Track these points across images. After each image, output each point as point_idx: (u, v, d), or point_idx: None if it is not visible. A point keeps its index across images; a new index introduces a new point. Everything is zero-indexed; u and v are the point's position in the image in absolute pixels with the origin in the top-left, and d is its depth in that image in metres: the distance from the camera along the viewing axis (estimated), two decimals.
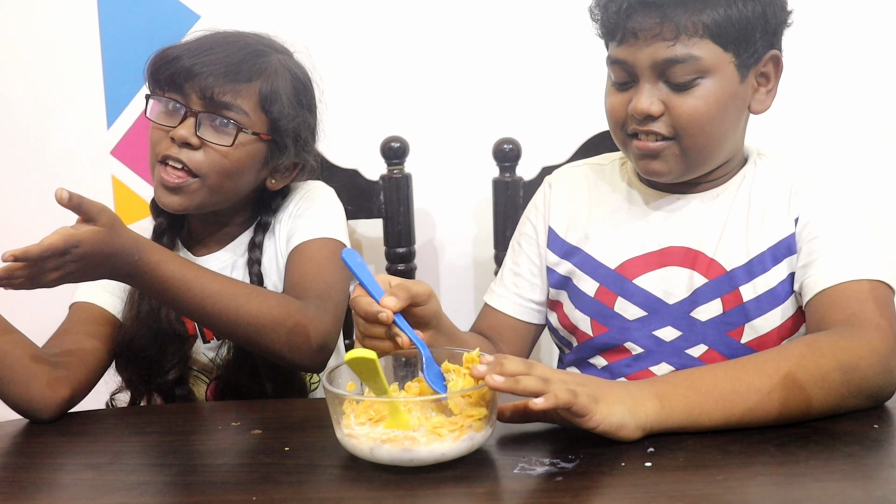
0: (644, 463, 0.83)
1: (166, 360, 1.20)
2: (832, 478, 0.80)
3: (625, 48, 1.08)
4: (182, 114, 1.15)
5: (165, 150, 1.15)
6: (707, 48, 1.06)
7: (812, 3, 1.52)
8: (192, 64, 1.14)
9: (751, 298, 1.12)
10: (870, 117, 1.66)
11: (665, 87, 1.08)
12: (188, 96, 1.15)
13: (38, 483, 0.89)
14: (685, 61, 1.06)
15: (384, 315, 0.92)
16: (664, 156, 1.11)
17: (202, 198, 1.18)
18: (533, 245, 1.27)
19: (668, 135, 1.09)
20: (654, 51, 1.06)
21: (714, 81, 1.07)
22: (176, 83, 1.15)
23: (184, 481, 0.87)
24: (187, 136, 1.14)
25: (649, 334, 1.16)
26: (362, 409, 0.87)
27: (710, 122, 1.08)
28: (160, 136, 1.16)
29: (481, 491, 0.81)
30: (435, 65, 1.71)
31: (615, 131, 1.15)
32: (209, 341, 1.24)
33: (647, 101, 1.07)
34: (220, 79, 1.14)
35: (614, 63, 1.11)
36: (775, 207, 1.14)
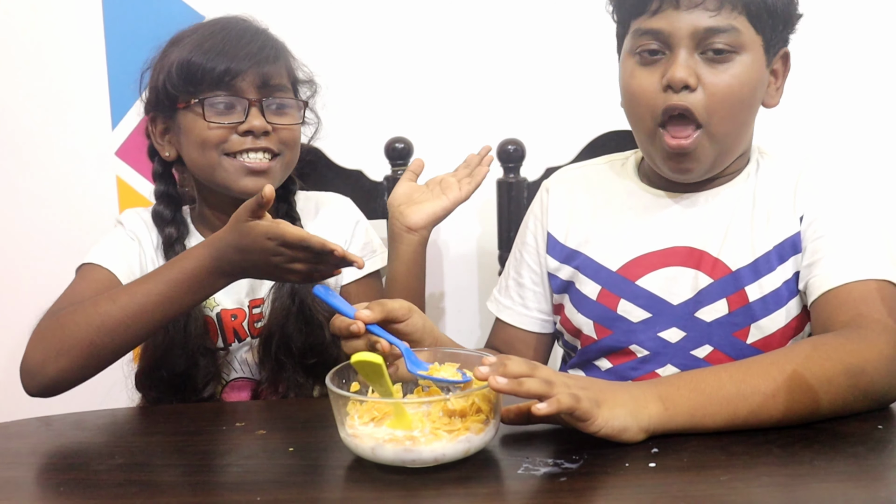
0: (648, 463, 0.83)
1: (199, 377, 1.20)
2: (836, 479, 0.80)
3: (661, 17, 1.06)
4: (244, 107, 1.17)
5: (241, 144, 1.18)
6: (744, 24, 1.06)
7: (817, 2, 1.51)
8: (239, 59, 1.16)
9: (757, 298, 1.11)
10: (873, 116, 1.65)
11: (700, 59, 1.06)
12: (241, 89, 1.17)
13: (41, 482, 0.89)
14: (727, 31, 1.05)
15: (355, 327, 0.94)
16: (697, 152, 1.09)
17: (281, 175, 1.23)
18: (533, 253, 1.27)
19: (700, 117, 1.06)
20: (696, 18, 1.05)
21: (747, 60, 1.07)
22: (225, 81, 1.16)
23: (188, 481, 0.87)
24: (264, 125, 1.18)
25: (654, 336, 1.15)
26: (366, 410, 0.88)
27: (740, 103, 1.08)
28: (222, 133, 1.17)
29: (485, 491, 0.81)
30: (439, 66, 1.71)
31: (642, 117, 1.11)
32: (230, 344, 1.25)
33: (685, 70, 1.05)
34: (269, 65, 1.19)
35: (645, 34, 1.08)
36: (780, 205, 1.13)
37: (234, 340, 1.25)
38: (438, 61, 1.71)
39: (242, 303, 1.26)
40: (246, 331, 1.25)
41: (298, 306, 1.23)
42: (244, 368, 1.26)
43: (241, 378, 1.26)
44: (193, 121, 1.18)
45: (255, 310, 1.25)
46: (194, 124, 1.18)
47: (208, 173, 1.20)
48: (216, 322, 1.24)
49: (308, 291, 1.22)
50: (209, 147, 1.18)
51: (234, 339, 1.25)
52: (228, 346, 1.25)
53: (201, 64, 1.16)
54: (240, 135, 1.17)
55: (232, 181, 1.19)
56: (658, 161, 1.13)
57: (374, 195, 1.55)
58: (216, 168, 1.19)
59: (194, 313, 1.20)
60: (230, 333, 1.24)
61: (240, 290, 1.25)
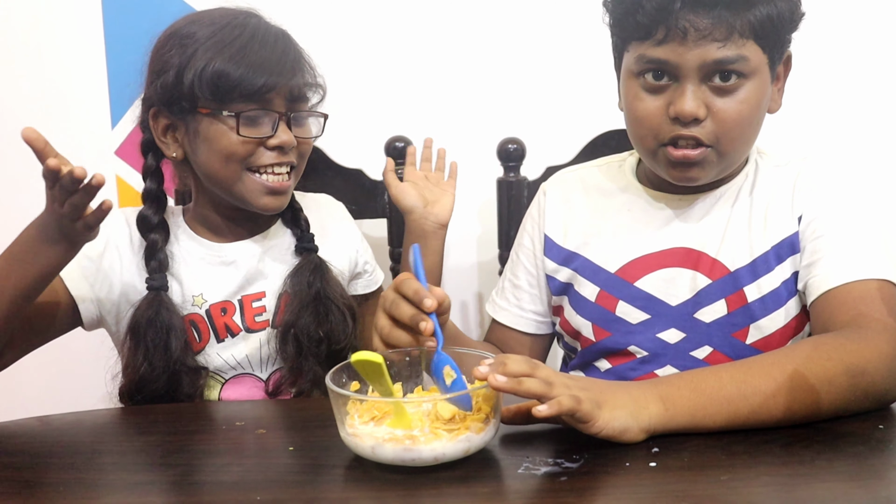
0: (649, 463, 0.83)
1: (183, 395, 1.19)
2: (837, 478, 0.80)
3: (668, 48, 1.03)
4: (272, 121, 1.15)
5: (268, 159, 1.16)
6: (752, 49, 1.03)
7: (816, 3, 1.51)
8: (276, 73, 1.14)
9: (755, 299, 1.11)
10: (871, 116, 1.66)
11: (708, 88, 1.04)
12: (272, 103, 1.15)
13: (41, 482, 0.89)
14: (736, 62, 1.02)
15: (430, 302, 0.91)
16: (703, 163, 1.07)
17: (292, 188, 1.22)
18: (530, 256, 1.27)
19: (708, 142, 1.05)
20: (705, 51, 1.02)
21: (755, 84, 1.05)
22: (260, 93, 1.14)
23: (188, 481, 0.87)
24: (293, 141, 1.17)
25: (653, 337, 1.15)
26: (366, 409, 0.88)
27: (749, 124, 1.07)
28: (250, 148, 1.15)
29: (485, 491, 0.81)
30: (439, 64, 1.71)
31: (644, 139, 1.10)
32: (223, 340, 1.23)
33: (694, 104, 1.03)
34: (296, 78, 1.17)
35: (649, 63, 1.05)
36: (778, 206, 1.13)
37: (227, 335, 1.23)
38: (439, 60, 1.71)
39: (232, 297, 1.24)
40: (239, 325, 1.23)
41: (314, 295, 1.23)
42: (244, 364, 1.24)
43: (240, 374, 1.24)
44: (220, 131, 1.15)
45: (256, 303, 1.24)
46: (221, 135, 1.15)
47: (226, 185, 1.18)
48: (206, 319, 1.22)
49: (324, 279, 1.23)
50: (234, 160, 1.16)
51: (227, 334, 1.23)
52: (221, 340, 1.23)
53: (239, 77, 1.12)
54: (268, 149, 1.16)
55: (251, 198, 1.18)
56: (662, 170, 1.12)
57: (374, 194, 1.55)
58: (236, 182, 1.17)
59: (174, 329, 1.18)
60: (221, 329, 1.23)
61: (228, 285, 1.23)
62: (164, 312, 1.18)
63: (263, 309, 1.24)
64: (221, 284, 1.23)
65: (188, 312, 1.22)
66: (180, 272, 1.23)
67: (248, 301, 1.24)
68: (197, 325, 1.22)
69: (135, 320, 1.19)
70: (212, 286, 1.23)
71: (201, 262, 1.24)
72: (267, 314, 1.24)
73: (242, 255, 1.25)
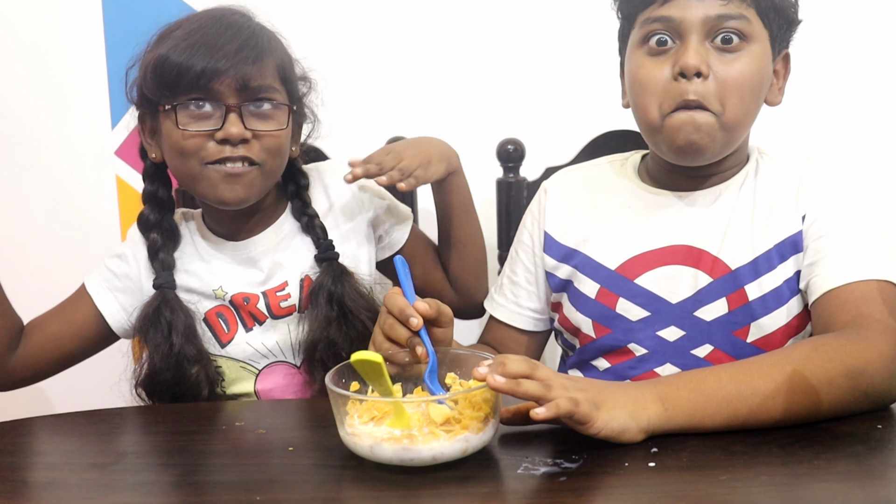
0: (648, 463, 0.83)
1: (190, 384, 1.19)
2: (836, 478, 0.80)
3: (672, 5, 1.07)
4: (221, 113, 1.11)
5: (218, 153, 1.12)
6: (753, 15, 1.07)
7: (817, 3, 1.51)
8: (216, 59, 1.10)
9: (756, 297, 1.11)
10: (873, 116, 1.66)
11: (711, 48, 1.07)
12: (219, 93, 1.11)
13: (43, 482, 0.89)
14: (737, 19, 1.06)
15: (415, 321, 0.93)
16: (708, 129, 1.07)
17: (261, 184, 1.17)
18: (529, 252, 1.27)
19: (711, 106, 1.06)
20: (708, 7, 1.06)
21: (756, 49, 1.08)
22: (201, 84, 1.10)
23: (188, 481, 0.87)
24: (242, 133, 1.11)
25: (653, 335, 1.15)
26: (365, 409, 0.88)
27: (750, 92, 1.08)
28: (199, 142, 1.12)
29: (484, 491, 0.81)
30: (438, 65, 1.71)
31: (649, 108, 1.09)
32: (251, 329, 1.23)
33: (697, 57, 1.05)
34: (247, 66, 1.11)
35: (655, 22, 1.08)
36: (781, 204, 1.13)
37: (254, 324, 1.23)
38: (438, 61, 1.71)
39: (255, 290, 1.24)
40: (265, 313, 1.23)
41: (339, 311, 1.20)
42: (275, 352, 1.24)
43: (274, 363, 1.25)
44: (171, 127, 1.13)
45: (280, 293, 1.24)
46: (172, 131, 1.13)
47: (190, 183, 1.16)
48: (231, 308, 1.23)
49: (346, 293, 1.20)
50: (188, 156, 1.12)
51: (254, 322, 1.23)
52: (249, 329, 1.23)
53: (177, 63, 1.09)
54: (217, 142, 1.11)
55: (211, 192, 1.14)
56: (666, 146, 1.11)
57: None
58: (197, 178, 1.14)
59: (175, 322, 1.19)
60: (248, 318, 1.23)
61: (251, 281, 1.24)
62: (165, 311, 1.19)
63: (288, 296, 1.24)
64: (241, 280, 1.24)
65: (213, 306, 1.23)
66: (199, 270, 1.24)
67: (271, 293, 1.24)
68: (224, 317, 1.23)
69: (140, 320, 1.21)
70: (231, 281, 1.24)
71: (219, 262, 1.25)
72: (292, 299, 1.24)
73: (259, 251, 1.24)
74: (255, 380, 1.24)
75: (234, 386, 1.25)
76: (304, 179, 1.28)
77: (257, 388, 1.24)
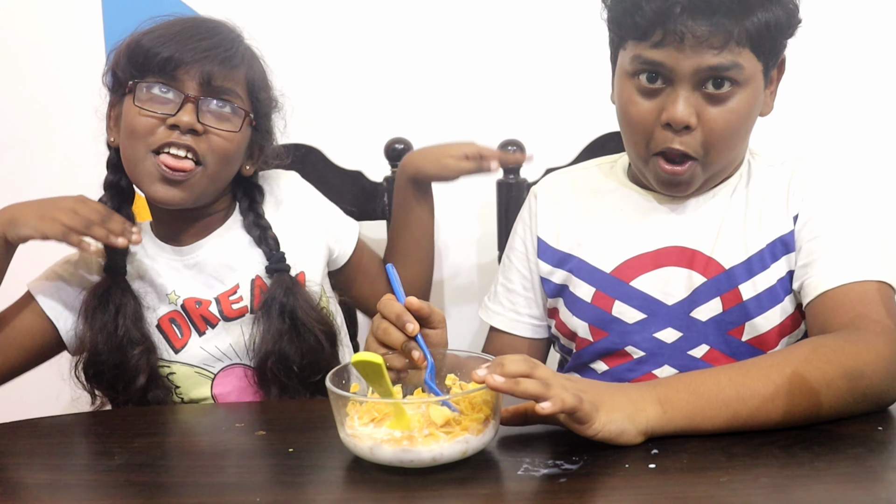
0: (648, 465, 0.83)
1: (129, 368, 1.18)
2: (836, 480, 0.80)
3: (665, 51, 1.04)
4: (180, 101, 1.12)
5: (165, 137, 1.12)
6: (747, 57, 1.04)
7: (813, 3, 1.51)
8: (186, 50, 1.12)
9: (751, 297, 1.11)
10: (865, 116, 1.65)
11: (700, 95, 1.05)
12: (182, 82, 1.13)
13: (41, 484, 0.89)
14: (730, 69, 1.03)
15: (412, 326, 0.92)
16: (690, 178, 1.10)
17: (202, 187, 1.16)
18: (523, 259, 1.27)
19: (695, 154, 1.07)
20: (700, 58, 1.02)
21: (747, 92, 1.06)
22: (167, 70, 1.12)
23: (188, 482, 0.87)
24: (193, 123, 1.12)
25: (650, 337, 1.15)
26: (365, 410, 0.88)
27: (737, 134, 1.08)
28: (151, 123, 1.12)
29: (484, 492, 0.81)
30: (439, 66, 1.71)
31: (637, 143, 1.11)
32: (204, 333, 1.23)
33: (686, 111, 1.04)
34: (217, 65, 1.14)
35: (645, 64, 1.06)
36: (773, 205, 1.13)
37: (206, 328, 1.23)
38: (438, 62, 1.71)
39: (206, 293, 1.23)
40: (217, 315, 1.23)
41: (290, 323, 1.20)
42: (229, 354, 1.24)
43: (229, 365, 1.24)
44: (129, 107, 1.14)
45: (232, 296, 1.23)
46: (129, 110, 1.14)
47: (131, 167, 1.17)
48: (183, 314, 1.23)
49: (298, 306, 1.20)
50: (137, 137, 1.13)
51: (206, 326, 1.23)
52: (202, 333, 1.23)
53: (148, 48, 1.12)
54: (167, 128, 1.12)
55: (147, 183, 1.15)
56: (651, 181, 1.15)
57: (374, 196, 1.55)
58: (139, 164, 1.15)
59: (124, 306, 1.19)
60: (200, 322, 1.23)
61: (198, 285, 1.23)
62: (115, 293, 1.19)
63: (240, 298, 1.24)
64: (191, 284, 1.23)
65: (166, 312, 1.23)
66: (151, 276, 1.23)
67: (224, 297, 1.23)
68: (177, 322, 1.23)
69: (87, 300, 1.20)
70: (183, 285, 1.23)
71: (167, 268, 1.24)
72: (244, 301, 1.23)
73: (204, 255, 1.24)
74: (212, 384, 1.24)
75: (192, 392, 1.24)
76: (259, 195, 1.28)
77: (214, 393, 1.24)
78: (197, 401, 1.24)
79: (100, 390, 1.22)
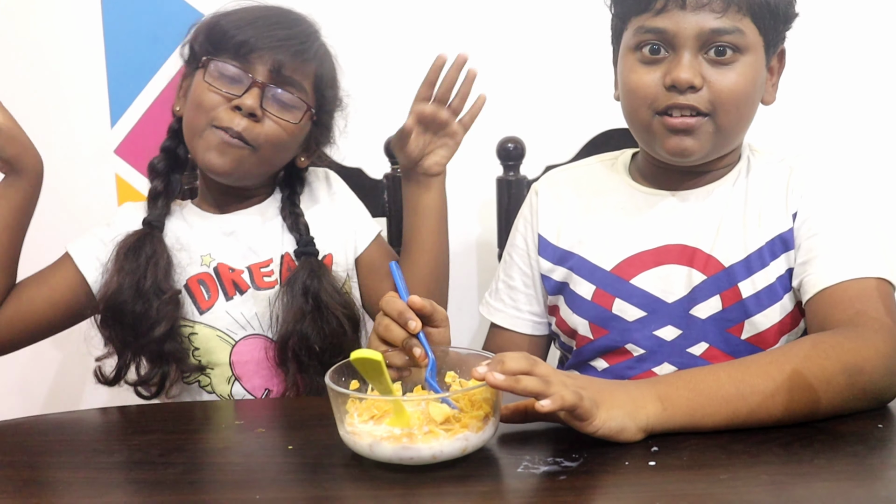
0: (648, 462, 0.83)
1: (151, 316, 1.19)
2: (836, 478, 0.80)
3: (666, 16, 1.06)
4: (247, 84, 1.16)
5: (227, 120, 1.16)
6: (748, 26, 1.06)
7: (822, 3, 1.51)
8: (262, 37, 1.16)
9: (750, 294, 1.11)
10: (864, 113, 1.65)
11: (704, 60, 1.06)
12: (254, 67, 1.17)
13: (39, 481, 0.89)
14: (732, 33, 1.05)
15: (414, 324, 0.94)
16: (699, 133, 1.09)
17: (250, 167, 1.20)
18: (524, 256, 1.27)
19: (705, 110, 1.07)
20: (702, 20, 1.05)
21: (750, 60, 1.07)
22: (242, 52, 1.16)
23: (187, 480, 0.87)
24: (255, 108, 1.16)
25: (650, 335, 1.15)
26: (365, 408, 0.88)
27: (745, 99, 1.08)
28: (217, 100, 1.17)
29: (484, 490, 0.81)
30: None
31: (638, 111, 1.11)
32: (232, 298, 1.24)
33: (690, 71, 1.05)
34: (290, 55, 1.18)
35: (648, 32, 1.08)
36: (772, 202, 1.13)
37: (235, 293, 1.24)
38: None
39: (239, 264, 1.26)
40: (248, 283, 1.25)
41: (313, 304, 1.22)
42: (254, 324, 1.25)
43: (251, 335, 1.25)
44: (199, 81, 1.19)
45: (264, 268, 1.26)
46: (198, 84, 1.19)
47: (191, 137, 1.20)
48: (214, 276, 1.24)
49: (323, 288, 1.22)
50: (202, 110, 1.17)
51: (235, 291, 1.24)
52: (230, 298, 1.24)
53: (226, 28, 1.17)
54: (230, 109, 1.16)
55: (202, 152, 1.19)
56: (658, 144, 1.12)
57: (374, 193, 1.55)
58: (198, 135, 1.18)
59: (158, 257, 1.20)
60: (230, 286, 1.24)
61: (233, 253, 1.26)
62: (148, 244, 1.21)
63: (272, 272, 1.26)
64: (227, 251, 1.26)
65: (196, 273, 1.24)
66: (189, 239, 1.26)
67: (255, 268, 1.26)
68: (206, 283, 1.24)
69: (120, 247, 1.21)
70: (218, 250, 1.26)
71: (204, 231, 1.27)
72: (275, 276, 1.26)
73: (242, 226, 1.27)
74: (231, 351, 1.24)
75: (210, 356, 1.24)
76: (300, 187, 1.32)
77: (232, 359, 1.24)
78: (213, 365, 1.24)
79: (116, 339, 1.22)
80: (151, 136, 1.21)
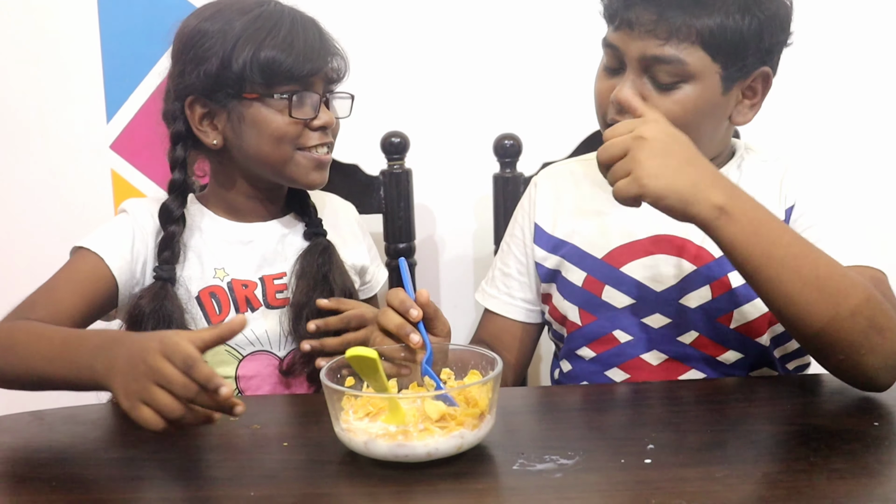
0: (644, 459, 0.83)
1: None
2: (833, 475, 0.80)
3: (619, 35, 1.09)
4: (314, 102, 1.20)
5: (315, 139, 1.21)
6: (696, 55, 1.05)
7: (810, 4, 1.51)
8: (317, 59, 1.20)
9: (740, 284, 1.12)
10: (861, 113, 1.65)
11: (649, 83, 1.08)
12: (312, 84, 1.21)
13: (38, 477, 0.89)
14: (671, 63, 1.05)
15: (415, 312, 0.96)
16: None
17: None
18: (520, 244, 1.29)
19: None
20: (645, 46, 1.06)
21: (696, 89, 1.07)
22: (303, 78, 1.19)
23: (182, 476, 0.87)
24: (331, 120, 1.23)
25: (638, 322, 1.17)
26: (360, 405, 0.88)
27: (685, 126, 1.05)
28: (300, 128, 1.20)
29: (479, 487, 0.81)
30: (436, 60, 1.71)
31: (598, 114, 1.15)
32: (257, 309, 1.23)
33: (628, 92, 1.07)
34: (334, 61, 1.24)
35: (607, 46, 1.11)
36: (766, 198, 1.13)
37: (247, 309, 1.24)
38: (435, 56, 1.71)
39: (252, 276, 1.25)
40: (260, 300, 1.24)
41: (323, 277, 1.25)
42: (262, 341, 1.24)
43: (257, 351, 1.24)
44: (270, 114, 1.19)
45: (277, 281, 1.26)
46: (272, 118, 1.18)
47: (278, 166, 1.21)
48: (227, 291, 1.24)
49: (332, 269, 1.26)
50: (286, 141, 1.19)
51: (247, 308, 1.24)
52: (255, 309, 1.24)
53: (290, 63, 1.17)
54: (312, 129, 1.21)
55: (302, 175, 1.22)
56: None
57: (371, 189, 1.55)
58: (288, 162, 1.21)
59: (175, 322, 1.17)
60: (242, 302, 1.24)
61: (248, 263, 1.25)
62: (167, 304, 1.19)
63: (285, 287, 1.26)
64: (242, 262, 1.25)
65: (208, 285, 1.23)
66: (201, 249, 1.24)
67: (269, 280, 1.25)
68: (217, 297, 1.23)
69: (138, 308, 1.18)
70: (233, 263, 1.25)
71: (222, 242, 1.25)
72: (287, 292, 1.25)
73: (260, 236, 1.27)
74: (238, 365, 1.24)
75: (216, 368, 1.21)
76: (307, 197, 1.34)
77: (238, 374, 1.24)
78: None
79: None
80: (147, 132, 1.19)
